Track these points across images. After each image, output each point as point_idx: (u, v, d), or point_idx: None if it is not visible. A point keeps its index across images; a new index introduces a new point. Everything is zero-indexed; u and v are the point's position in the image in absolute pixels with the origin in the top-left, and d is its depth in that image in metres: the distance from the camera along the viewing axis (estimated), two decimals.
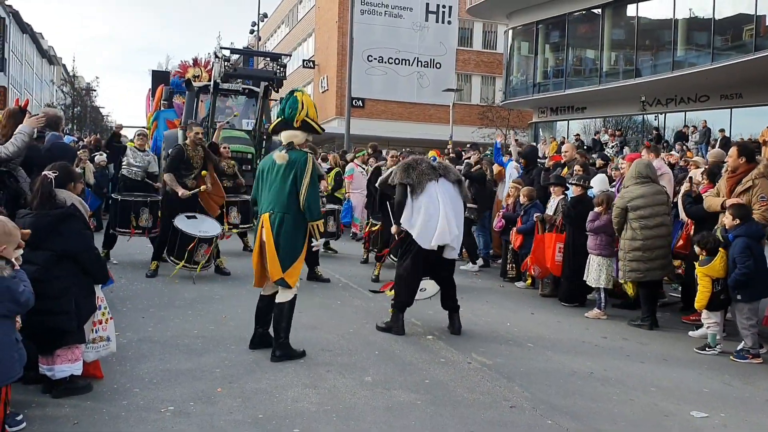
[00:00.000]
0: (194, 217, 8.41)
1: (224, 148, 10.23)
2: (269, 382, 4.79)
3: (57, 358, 4.25)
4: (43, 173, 4.40)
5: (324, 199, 9.89)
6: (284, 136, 5.50)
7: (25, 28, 62.73)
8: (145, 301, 7.12)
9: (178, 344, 5.60)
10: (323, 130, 5.84)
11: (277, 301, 5.40)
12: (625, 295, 7.82)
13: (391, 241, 8.90)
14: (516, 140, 15.34)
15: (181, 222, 8.22)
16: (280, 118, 5.54)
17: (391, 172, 6.71)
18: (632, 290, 7.50)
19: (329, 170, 13.00)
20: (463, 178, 6.89)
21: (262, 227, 5.32)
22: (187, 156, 8.48)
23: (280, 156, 5.35)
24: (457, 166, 11.26)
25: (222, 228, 8.78)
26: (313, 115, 5.47)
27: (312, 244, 5.52)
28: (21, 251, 3.87)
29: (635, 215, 7.18)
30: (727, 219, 6.29)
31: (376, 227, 9.51)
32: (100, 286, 4.61)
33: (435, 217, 6.27)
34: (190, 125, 9.32)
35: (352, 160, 13.74)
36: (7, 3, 55.62)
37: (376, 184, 9.37)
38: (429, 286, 6.92)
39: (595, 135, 26.91)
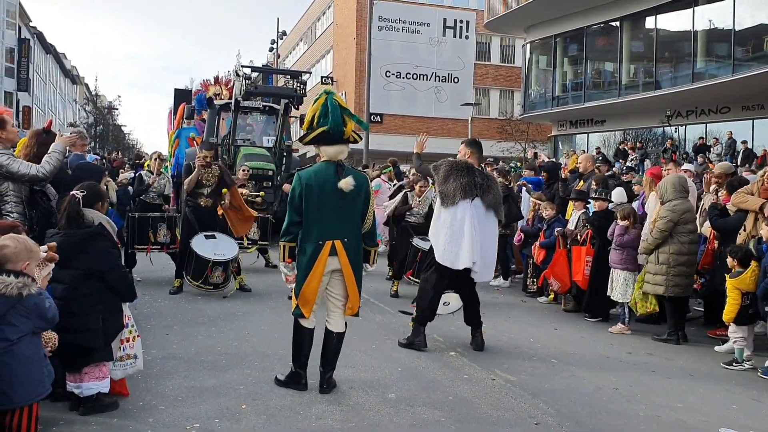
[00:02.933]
0: (213, 236, 8.44)
1: (243, 170, 10.29)
2: (293, 399, 4.80)
3: (84, 376, 4.30)
4: (71, 193, 4.47)
5: None
6: (330, 152, 4.92)
7: (48, 48, 63.86)
8: (169, 318, 7.18)
9: (202, 361, 5.63)
10: (361, 138, 5.51)
11: (337, 330, 5.06)
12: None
13: (408, 261, 8.93)
14: (534, 154, 15.31)
15: (198, 243, 8.27)
16: (322, 129, 4.87)
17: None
18: (645, 307, 7.43)
19: None
20: (501, 199, 6.60)
21: (335, 256, 4.87)
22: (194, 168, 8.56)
23: (346, 183, 4.80)
24: None
25: (239, 249, 8.76)
26: (357, 128, 4.98)
27: (368, 269, 5.26)
28: (52, 266, 3.93)
29: (685, 229, 7.13)
30: (764, 230, 6.24)
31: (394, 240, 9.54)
32: (126, 304, 4.67)
33: (459, 238, 6.16)
34: (201, 146, 9.34)
35: (378, 176, 13.80)
36: (31, 24, 56.71)
37: (386, 213, 9.44)
38: (453, 301, 6.90)
39: (619, 145, 26.72)
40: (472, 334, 6.55)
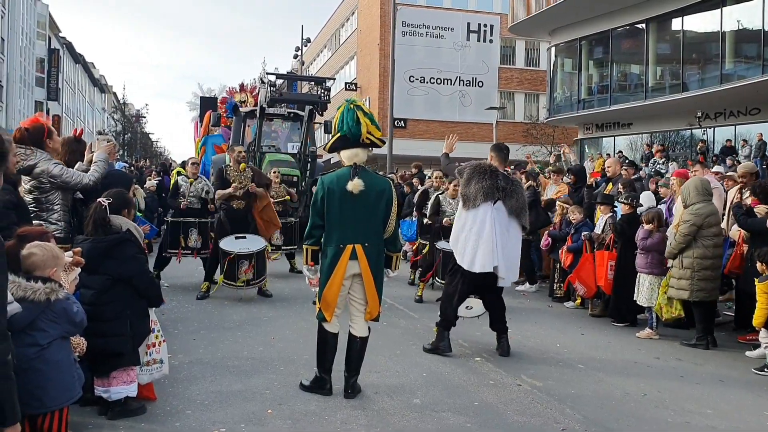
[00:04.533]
0: (243, 237, 8.55)
1: (274, 173, 10.37)
2: (318, 404, 4.81)
3: (113, 380, 4.35)
4: (98, 200, 4.54)
5: None
6: (346, 156, 4.99)
7: (77, 58, 65.01)
8: (195, 323, 7.25)
9: (228, 366, 5.67)
10: (384, 142, 5.42)
11: (361, 335, 5.05)
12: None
13: (434, 263, 8.93)
14: (557, 156, 15.15)
15: (227, 242, 8.39)
16: (338, 135, 4.98)
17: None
18: (670, 312, 7.33)
19: None
20: (526, 205, 6.55)
21: (355, 260, 4.88)
22: (228, 176, 8.66)
23: (355, 185, 4.82)
24: None
25: (267, 245, 8.85)
26: (373, 129, 4.97)
27: (390, 275, 5.25)
28: (78, 270, 3.99)
29: (710, 233, 7.03)
30: None
31: (426, 249, 9.49)
32: (153, 309, 4.72)
33: (478, 240, 6.14)
34: (231, 147, 9.51)
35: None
36: (61, 35, 57.74)
37: (427, 219, 9.43)
38: (475, 305, 6.86)
39: (645, 149, 26.39)
40: (497, 339, 6.51)
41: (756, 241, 6.87)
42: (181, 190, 9.17)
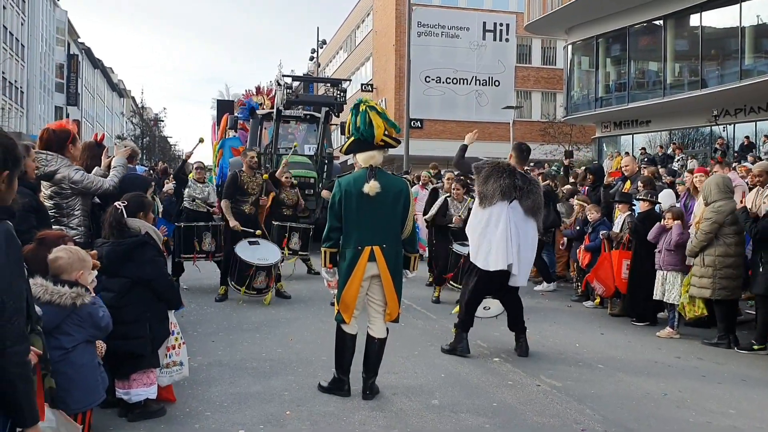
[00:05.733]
0: (256, 242, 8.56)
1: (286, 177, 10.42)
2: (336, 405, 4.82)
3: (133, 382, 4.39)
4: (114, 204, 4.58)
5: None
6: (362, 158, 4.99)
7: (96, 63, 65.70)
8: (214, 325, 7.29)
9: (246, 367, 5.70)
10: (399, 142, 5.53)
11: (379, 336, 5.06)
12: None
13: (450, 265, 8.89)
14: (566, 152, 15.09)
15: (242, 248, 8.40)
16: (352, 138, 5.00)
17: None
18: (693, 311, 7.25)
19: None
20: (542, 205, 6.50)
21: (373, 262, 4.89)
22: (242, 182, 8.71)
23: (371, 187, 4.82)
24: None
25: (282, 253, 8.89)
26: (390, 130, 4.98)
27: (408, 276, 5.25)
28: (95, 273, 4.03)
29: (731, 230, 6.95)
30: None
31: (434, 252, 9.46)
32: (172, 311, 4.75)
33: (492, 238, 6.12)
34: (244, 151, 9.54)
35: (420, 184, 13.81)
36: (80, 40, 58.36)
37: (425, 217, 9.40)
38: (493, 305, 6.84)
39: (665, 147, 26.14)
40: (516, 339, 6.48)
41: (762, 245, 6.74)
42: (191, 191, 9.34)
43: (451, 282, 8.88)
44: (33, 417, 2.34)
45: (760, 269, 6.73)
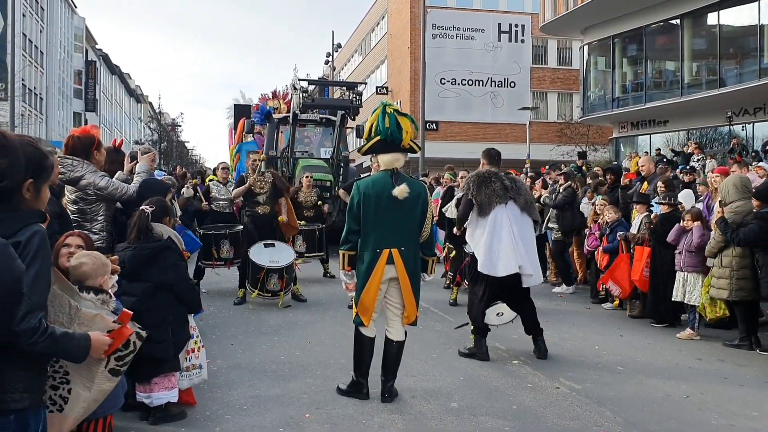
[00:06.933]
0: (272, 245, 8.59)
1: (306, 177, 10.44)
2: (355, 408, 4.83)
3: (154, 386, 4.42)
4: (140, 208, 4.62)
5: None
6: (386, 160, 4.99)
7: (114, 69, 66.32)
8: (233, 328, 7.33)
9: (265, 370, 5.73)
10: (420, 148, 5.51)
11: (397, 339, 5.07)
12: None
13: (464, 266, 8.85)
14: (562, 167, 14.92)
15: (256, 250, 8.45)
16: (377, 138, 4.97)
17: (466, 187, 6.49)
18: (715, 312, 7.18)
19: None
20: (533, 200, 6.53)
21: (392, 264, 4.90)
22: (247, 182, 8.80)
23: (401, 191, 4.83)
24: (544, 192, 11.08)
25: (296, 256, 8.86)
26: (415, 134, 5.01)
27: (426, 279, 5.25)
28: (116, 278, 4.06)
29: None
30: None
31: (453, 254, 9.44)
32: (192, 315, 4.79)
33: (498, 244, 6.08)
34: (248, 154, 9.62)
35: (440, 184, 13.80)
36: (97, 47, 58.93)
37: (447, 214, 9.36)
38: (505, 311, 6.75)
39: (681, 150, 25.91)
40: (534, 342, 6.45)
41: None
42: (212, 194, 9.40)
43: (465, 282, 8.85)
44: (79, 357, 2.62)
45: (759, 272, 6.73)
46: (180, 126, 67.21)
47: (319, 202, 11.00)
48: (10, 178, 2.35)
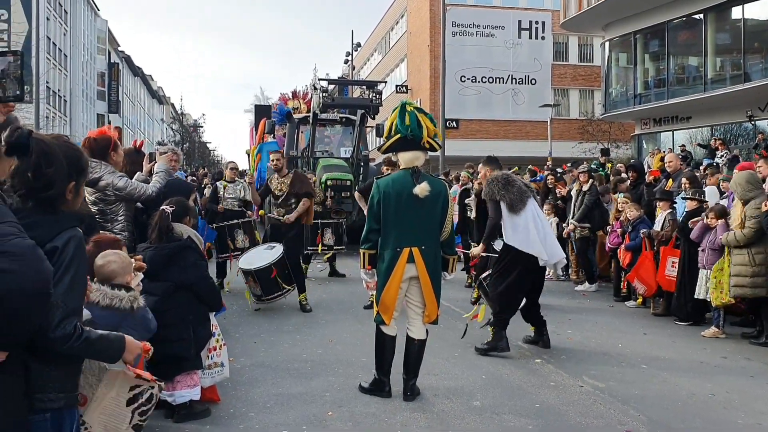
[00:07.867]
0: (273, 247, 8.40)
1: (331, 182, 10.50)
2: (378, 406, 4.84)
3: (177, 384, 4.46)
4: (161, 208, 4.67)
5: None
6: (406, 158, 4.97)
7: (136, 71, 66.93)
8: (255, 326, 7.38)
9: (288, 368, 5.75)
10: (440, 146, 5.54)
11: (419, 338, 5.06)
12: (745, 312, 7.38)
13: (482, 264, 8.78)
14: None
15: (252, 252, 8.43)
16: (398, 135, 4.92)
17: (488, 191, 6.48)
18: (720, 298, 7.09)
19: None
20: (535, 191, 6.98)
21: (412, 263, 4.88)
22: (270, 184, 8.88)
23: (422, 189, 4.81)
24: (566, 188, 11.04)
25: (274, 259, 8.13)
26: (437, 133, 5.02)
27: (446, 278, 5.24)
28: (141, 275, 4.11)
29: None
30: None
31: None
32: (214, 313, 4.82)
33: (544, 231, 6.31)
34: (269, 154, 9.71)
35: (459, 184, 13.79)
36: (120, 49, 59.54)
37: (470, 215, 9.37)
38: None
39: (709, 142, 25.51)
40: (538, 333, 6.58)
41: None
42: (220, 194, 9.47)
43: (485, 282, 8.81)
44: (112, 358, 2.63)
45: None
46: (202, 127, 67.74)
47: (327, 200, 11.18)
48: (58, 185, 2.36)
